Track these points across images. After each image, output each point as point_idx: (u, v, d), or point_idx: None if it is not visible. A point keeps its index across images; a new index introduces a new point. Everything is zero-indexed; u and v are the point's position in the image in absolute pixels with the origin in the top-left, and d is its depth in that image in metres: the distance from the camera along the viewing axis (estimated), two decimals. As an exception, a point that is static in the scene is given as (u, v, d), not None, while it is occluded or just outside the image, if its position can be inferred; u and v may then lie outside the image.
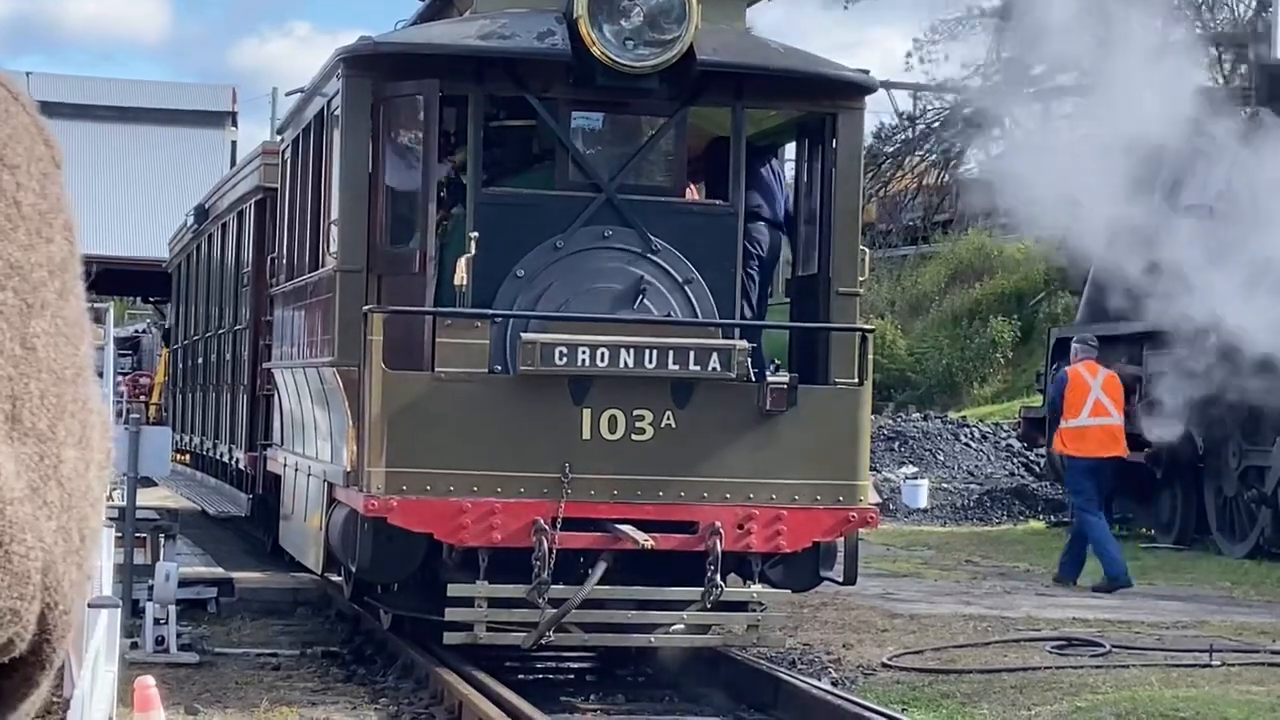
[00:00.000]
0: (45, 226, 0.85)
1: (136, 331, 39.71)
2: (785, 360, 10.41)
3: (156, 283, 28.86)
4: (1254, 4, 33.73)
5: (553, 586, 9.39)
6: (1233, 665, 10.55)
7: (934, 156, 34.07)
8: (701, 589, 9.55)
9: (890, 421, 26.46)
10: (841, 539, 10.11)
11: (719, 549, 9.52)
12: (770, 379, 9.85)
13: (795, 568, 10.08)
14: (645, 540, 9.43)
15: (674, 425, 9.71)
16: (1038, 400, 22.17)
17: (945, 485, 23.77)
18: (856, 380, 10.17)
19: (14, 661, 0.84)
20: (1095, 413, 14.68)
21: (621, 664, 10.66)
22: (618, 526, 9.53)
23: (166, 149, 37.48)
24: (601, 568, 9.52)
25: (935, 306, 34.44)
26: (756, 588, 9.92)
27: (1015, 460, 24.75)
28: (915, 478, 23.65)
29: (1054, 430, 15.32)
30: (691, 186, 10.92)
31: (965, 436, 25.91)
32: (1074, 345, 16.68)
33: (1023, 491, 23.37)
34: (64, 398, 0.85)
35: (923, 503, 22.86)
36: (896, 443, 25.26)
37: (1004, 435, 25.58)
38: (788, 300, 11.22)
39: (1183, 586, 15.24)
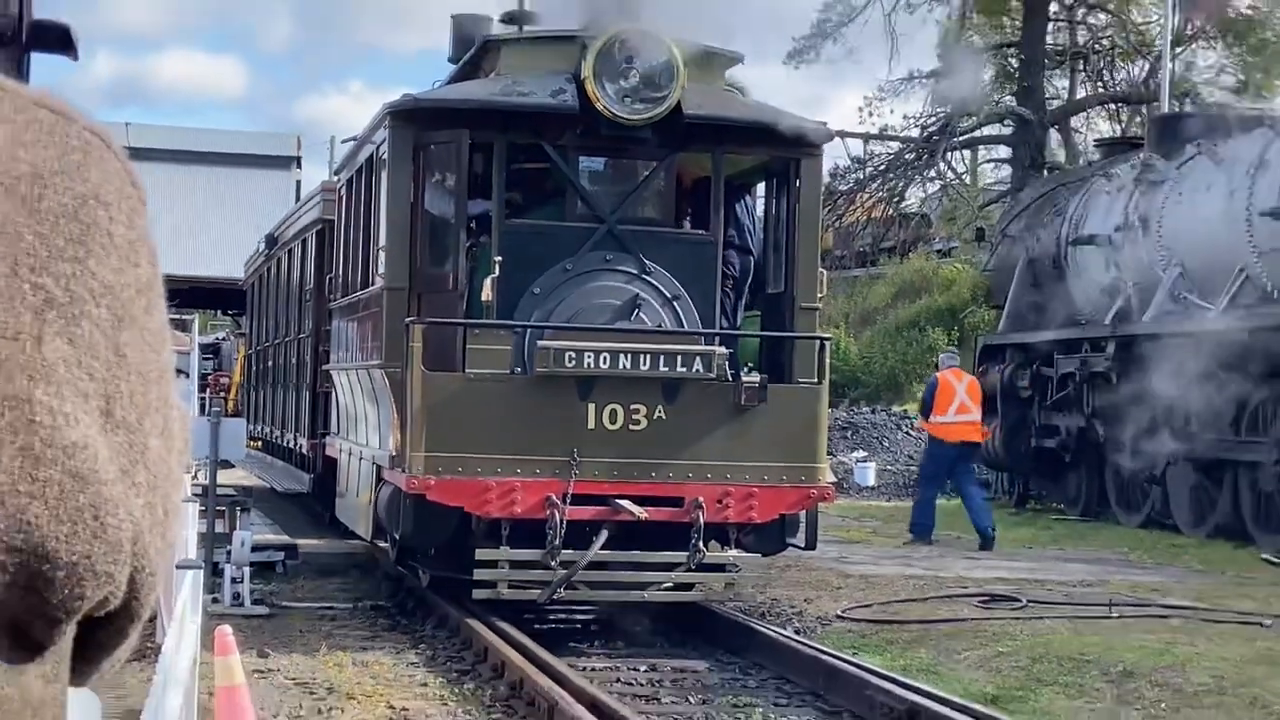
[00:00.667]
0: (133, 253, 0.85)
1: (217, 339, 39.62)
2: (757, 363, 10.40)
3: (234, 298, 28.82)
4: (1147, 67, 33.76)
5: (563, 551, 9.38)
6: (1129, 617, 10.54)
7: (881, 194, 34.08)
8: (687, 553, 9.55)
9: (844, 414, 26.48)
10: (803, 512, 10.10)
11: (701, 520, 9.51)
12: (744, 379, 9.84)
13: (765, 536, 10.06)
14: (640, 513, 9.43)
15: (664, 417, 9.70)
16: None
17: (890, 467, 23.78)
18: (816, 380, 10.17)
19: (108, 615, 0.83)
20: (960, 410, 15.32)
21: (621, 616, 10.64)
22: (617, 501, 9.52)
23: (242, 187, 37.45)
24: (604, 535, 9.51)
25: (882, 319, 34.46)
26: (733, 552, 9.91)
27: (948, 446, 24.76)
28: (865, 461, 23.67)
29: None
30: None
31: (906, 427, 25.92)
32: (941, 357, 17.06)
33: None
34: (149, 396, 0.84)
35: (871, 481, 22.88)
36: (849, 432, 25.28)
37: (939, 425, 25.59)
38: (758, 313, 11.21)
39: (1087, 551, 15.25)
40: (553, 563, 9.39)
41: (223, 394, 31.66)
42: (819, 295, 10.61)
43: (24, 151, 0.80)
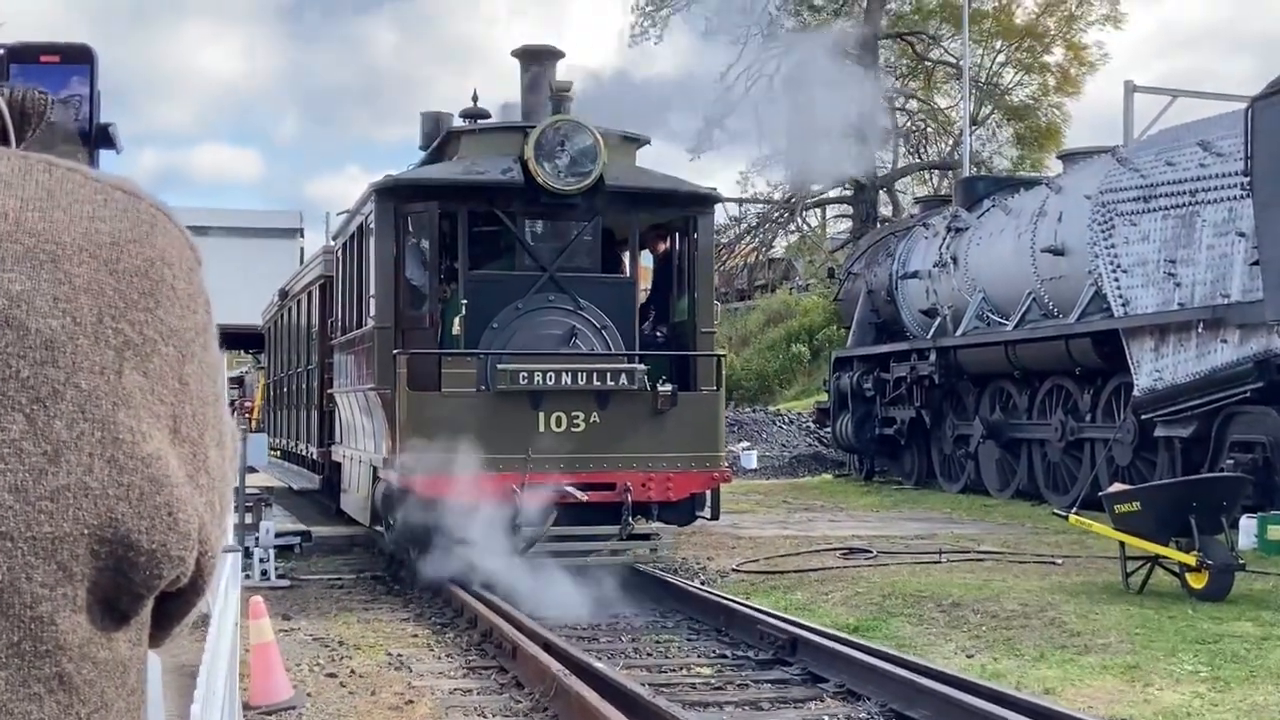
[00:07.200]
0: (192, 303, 0.82)
1: (242, 373, 39.00)
2: (669, 376, 10.41)
3: (254, 340, 28.39)
4: (951, 142, 34.46)
5: (522, 528, 9.31)
6: (954, 561, 10.66)
7: (754, 244, 34.45)
8: (619, 526, 9.52)
9: (731, 413, 26.53)
10: (709, 491, 10.11)
11: (629, 500, 9.48)
12: (659, 389, 9.84)
13: (679, 510, 10.04)
14: (582, 496, 9.38)
15: (598, 421, 9.67)
16: (824, 397, 22.34)
17: (768, 453, 23.91)
18: (715, 388, 10.19)
19: (179, 590, 0.81)
20: None
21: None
22: (564, 487, 9.47)
23: (258, 253, 36.91)
24: (554, 514, 9.45)
25: (756, 340, 34.71)
26: (654, 525, 9.89)
27: (811, 436, 24.95)
28: (749, 449, 23.77)
29: None
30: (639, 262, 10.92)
31: (779, 422, 26.09)
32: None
33: (818, 456, 23.53)
34: (207, 415, 0.82)
35: (754, 465, 22.96)
36: (735, 426, 25.34)
37: (804, 421, 25.80)
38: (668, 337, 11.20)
39: (920, 512, 15.43)
40: (514, 537, 9.30)
41: (247, 415, 31.13)
42: (715, 322, 10.65)
43: (104, 224, 0.78)
